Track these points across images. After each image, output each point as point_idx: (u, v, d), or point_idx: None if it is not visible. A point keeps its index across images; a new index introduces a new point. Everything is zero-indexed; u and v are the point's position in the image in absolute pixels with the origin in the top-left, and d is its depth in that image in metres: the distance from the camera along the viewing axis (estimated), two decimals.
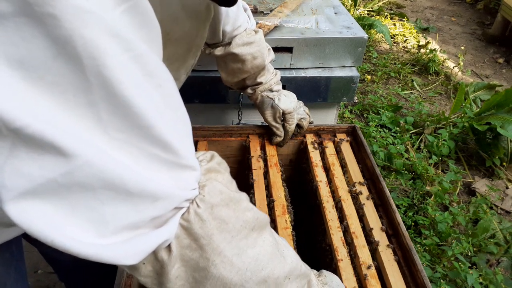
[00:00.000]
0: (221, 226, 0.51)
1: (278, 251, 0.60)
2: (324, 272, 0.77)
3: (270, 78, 1.17)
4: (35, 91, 0.35)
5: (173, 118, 0.46)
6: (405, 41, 4.13)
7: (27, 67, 0.34)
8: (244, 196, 0.58)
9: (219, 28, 1.00)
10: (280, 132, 1.21)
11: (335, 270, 0.92)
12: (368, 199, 1.07)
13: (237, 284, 0.53)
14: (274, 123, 1.20)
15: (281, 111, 1.17)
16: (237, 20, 1.03)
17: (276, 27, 1.49)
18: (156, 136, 0.42)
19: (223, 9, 0.96)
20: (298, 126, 1.24)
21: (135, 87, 0.40)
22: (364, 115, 2.97)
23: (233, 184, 0.59)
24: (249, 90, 1.18)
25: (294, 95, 1.24)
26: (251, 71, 1.11)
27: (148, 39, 0.43)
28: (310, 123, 1.28)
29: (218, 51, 1.06)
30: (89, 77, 0.36)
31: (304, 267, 0.66)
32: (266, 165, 1.18)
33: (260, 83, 1.16)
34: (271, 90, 1.18)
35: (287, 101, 1.18)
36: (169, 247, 0.50)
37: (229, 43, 1.04)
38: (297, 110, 1.21)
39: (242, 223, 0.54)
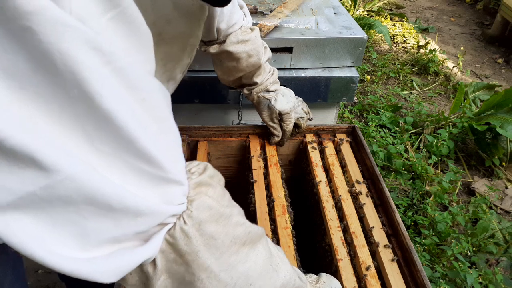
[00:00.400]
0: (209, 242, 0.51)
1: (271, 265, 0.59)
2: (323, 276, 0.77)
3: (266, 78, 1.16)
4: (18, 102, 0.34)
5: (157, 131, 0.45)
6: (404, 41, 4.13)
7: (10, 77, 0.33)
8: (236, 210, 0.57)
9: (214, 26, 0.98)
10: (278, 132, 1.21)
11: (336, 271, 0.92)
12: (367, 198, 1.07)
13: None
14: (271, 123, 1.20)
15: (278, 111, 1.17)
16: (231, 18, 1.01)
17: (276, 27, 1.50)
18: (140, 149, 0.42)
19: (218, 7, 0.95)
20: (296, 125, 1.24)
21: (117, 101, 0.39)
22: (364, 115, 2.97)
23: (225, 197, 0.57)
24: (245, 91, 1.18)
25: (292, 93, 1.23)
26: (246, 70, 1.09)
27: (137, 47, 0.43)
28: (310, 119, 1.28)
29: (213, 49, 1.04)
30: (69, 91, 0.36)
31: (299, 280, 0.66)
32: (266, 165, 1.18)
33: (256, 84, 1.15)
34: (268, 91, 1.17)
35: (284, 101, 1.18)
36: (154, 261, 0.50)
37: (224, 41, 1.02)
38: (294, 109, 1.21)
39: (232, 239, 0.53)
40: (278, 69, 1.27)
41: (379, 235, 0.98)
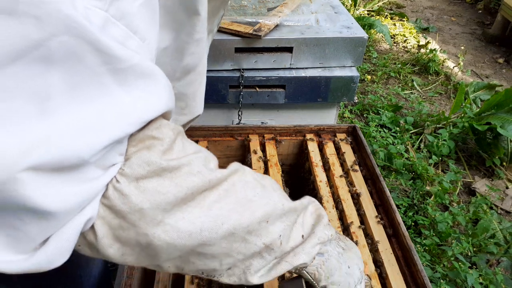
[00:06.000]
0: (155, 198, 0.47)
1: (245, 198, 0.55)
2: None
3: None
4: None
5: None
6: (405, 41, 4.13)
7: None
8: (192, 159, 0.51)
9: None
10: None
11: None
12: (368, 198, 1.07)
13: (195, 246, 0.51)
14: None
15: None
16: None
17: (276, 26, 1.49)
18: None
19: None
20: None
21: (102, 96, 0.40)
22: (364, 115, 2.97)
23: (176, 149, 0.51)
24: None
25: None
26: None
27: (155, 32, 0.46)
28: None
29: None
30: (52, 82, 0.36)
31: (289, 203, 0.60)
32: (266, 165, 1.18)
33: None
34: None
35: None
36: (93, 229, 0.47)
37: None
38: None
39: (187, 190, 0.49)
40: (278, 69, 1.26)
41: (380, 235, 0.97)
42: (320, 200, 1.09)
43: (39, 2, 0.33)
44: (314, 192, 1.15)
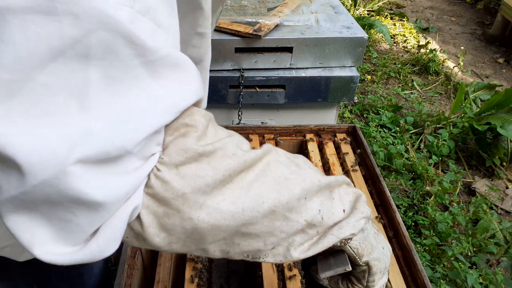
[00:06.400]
0: (196, 182, 0.48)
1: (282, 176, 0.55)
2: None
3: None
4: (10, 102, 0.34)
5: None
6: (405, 41, 4.13)
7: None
8: (228, 143, 0.52)
9: None
10: None
11: None
12: (368, 198, 1.07)
13: (239, 226, 0.52)
14: None
15: None
16: None
17: (276, 26, 1.49)
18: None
19: None
20: None
21: (135, 90, 0.41)
22: (364, 115, 2.97)
23: (209, 134, 0.52)
24: None
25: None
26: None
27: (176, 24, 0.48)
28: None
29: None
30: (91, 77, 0.37)
31: (324, 178, 0.60)
32: None
33: None
34: None
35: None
36: (139, 219, 0.48)
37: None
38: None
39: (224, 172, 0.50)
40: (278, 69, 1.26)
41: None
42: None
43: (76, 0, 0.34)
44: None
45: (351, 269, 0.64)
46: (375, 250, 0.64)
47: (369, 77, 3.42)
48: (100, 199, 0.41)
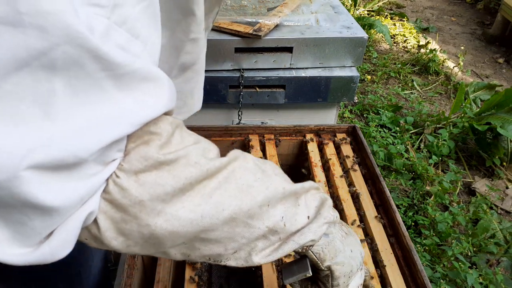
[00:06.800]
0: (155, 190, 0.49)
1: (245, 184, 0.56)
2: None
3: None
4: None
5: None
6: (405, 41, 4.13)
7: None
8: (189, 150, 0.52)
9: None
10: None
11: None
12: (368, 198, 1.07)
13: (198, 232, 0.52)
14: None
15: None
16: None
17: (276, 26, 1.49)
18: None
19: None
20: None
21: (102, 100, 0.42)
22: (364, 115, 2.97)
23: (174, 141, 0.52)
24: None
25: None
26: None
27: (157, 35, 0.48)
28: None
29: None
30: (56, 87, 0.38)
31: (290, 186, 0.60)
32: None
33: None
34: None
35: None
36: (96, 223, 0.49)
37: None
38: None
39: (185, 180, 0.50)
40: (278, 69, 1.26)
41: (380, 236, 0.97)
42: None
43: (45, 13, 0.35)
44: None
45: (311, 274, 0.64)
46: (340, 254, 0.64)
47: (369, 77, 3.42)
48: (52, 204, 0.41)
